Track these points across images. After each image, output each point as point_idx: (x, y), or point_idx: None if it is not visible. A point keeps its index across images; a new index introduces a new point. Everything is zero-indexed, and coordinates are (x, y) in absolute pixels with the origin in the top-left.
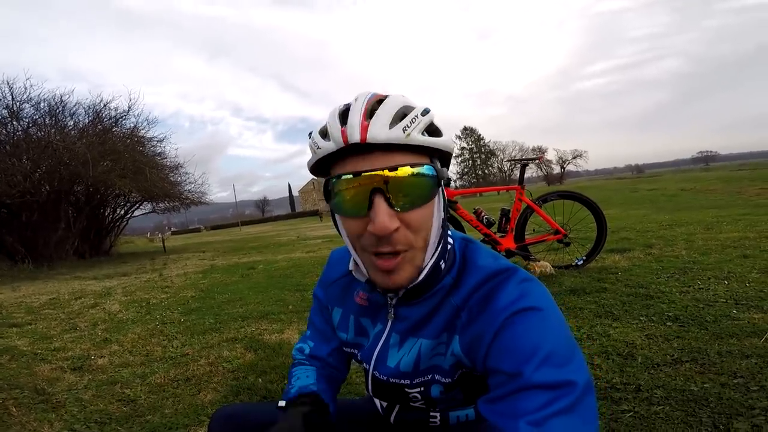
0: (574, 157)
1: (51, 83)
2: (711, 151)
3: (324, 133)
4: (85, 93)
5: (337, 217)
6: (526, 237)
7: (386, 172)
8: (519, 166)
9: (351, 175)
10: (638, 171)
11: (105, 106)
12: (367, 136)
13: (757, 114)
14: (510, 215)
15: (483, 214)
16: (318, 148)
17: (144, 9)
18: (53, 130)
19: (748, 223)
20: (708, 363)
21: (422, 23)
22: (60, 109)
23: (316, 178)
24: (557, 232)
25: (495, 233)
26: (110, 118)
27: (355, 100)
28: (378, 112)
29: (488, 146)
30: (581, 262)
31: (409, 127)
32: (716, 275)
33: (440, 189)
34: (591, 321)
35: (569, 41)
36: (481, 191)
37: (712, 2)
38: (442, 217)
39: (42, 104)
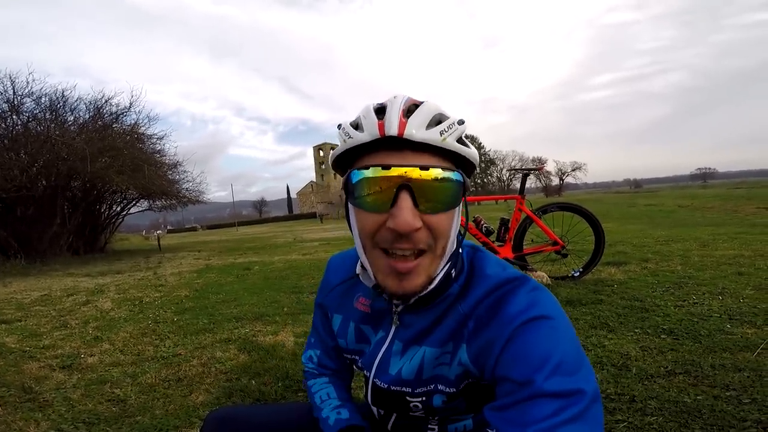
0: (574, 170)
1: (54, 78)
2: (710, 168)
3: (356, 125)
4: (87, 89)
5: (352, 211)
6: (524, 247)
7: (417, 171)
8: (519, 176)
9: (380, 167)
10: (636, 185)
11: (106, 102)
12: (405, 131)
13: (756, 130)
14: (509, 225)
15: (482, 222)
16: (349, 137)
17: (152, 7)
18: (53, 125)
19: (743, 241)
20: (701, 375)
21: (428, 29)
22: (61, 104)
23: (315, 180)
24: (555, 243)
25: (493, 242)
26: (111, 114)
27: (394, 98)
28: (416, 113)
29: (488, 155)
30: (578, 273)
31: (446, 132)
32: (711, 291)
33: (464, 199)
34: (586, 332)
35: (576, 52)
36: (479, 200)
37: (720, 17)
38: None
39: (43, 99)
